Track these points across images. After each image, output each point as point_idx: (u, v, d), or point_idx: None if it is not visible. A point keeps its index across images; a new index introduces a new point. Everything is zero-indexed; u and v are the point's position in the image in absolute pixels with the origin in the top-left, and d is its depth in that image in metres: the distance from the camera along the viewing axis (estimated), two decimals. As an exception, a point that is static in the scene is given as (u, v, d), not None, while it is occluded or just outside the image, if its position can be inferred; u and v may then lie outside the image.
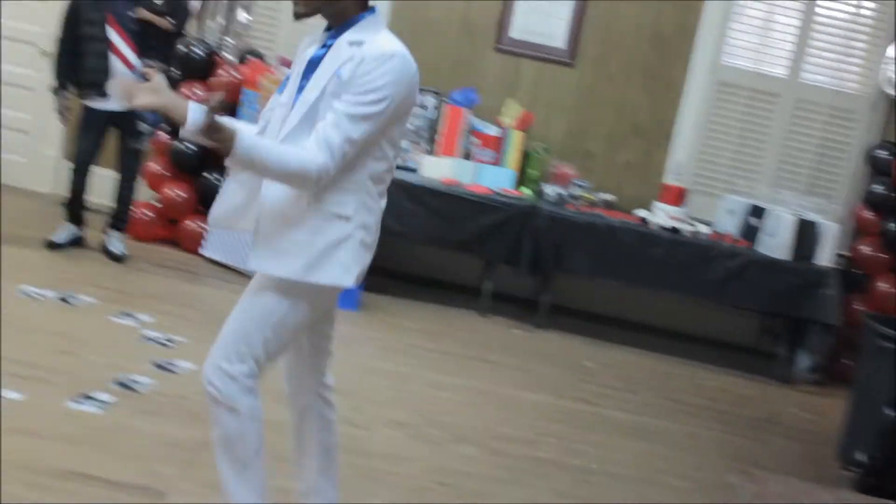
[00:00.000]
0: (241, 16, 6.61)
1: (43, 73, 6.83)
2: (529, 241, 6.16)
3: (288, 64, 6.49)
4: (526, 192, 6.45)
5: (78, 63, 5.86)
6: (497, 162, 6.56)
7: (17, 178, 7.25)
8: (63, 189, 6.21)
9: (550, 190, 6.48)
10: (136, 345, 4.74)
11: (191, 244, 6.42)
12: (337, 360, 5.11)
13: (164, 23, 6.09)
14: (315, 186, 2.54)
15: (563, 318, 6.60)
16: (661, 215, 6.38)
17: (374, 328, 5.72)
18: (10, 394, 3.92)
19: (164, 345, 4.78)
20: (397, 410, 4.49)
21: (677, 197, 6.52)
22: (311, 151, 2.50)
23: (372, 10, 2.68)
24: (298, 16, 2.69)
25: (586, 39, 7.02)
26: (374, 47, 2.56)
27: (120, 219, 6.13)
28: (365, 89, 2.52)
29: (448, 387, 4.95)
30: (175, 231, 6.51)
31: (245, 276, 6.08)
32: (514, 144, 6.58)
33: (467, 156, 6.59)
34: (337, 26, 2.68)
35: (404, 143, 6.60)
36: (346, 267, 2.68)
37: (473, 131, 6.61)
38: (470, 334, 6.00)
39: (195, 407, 4.12)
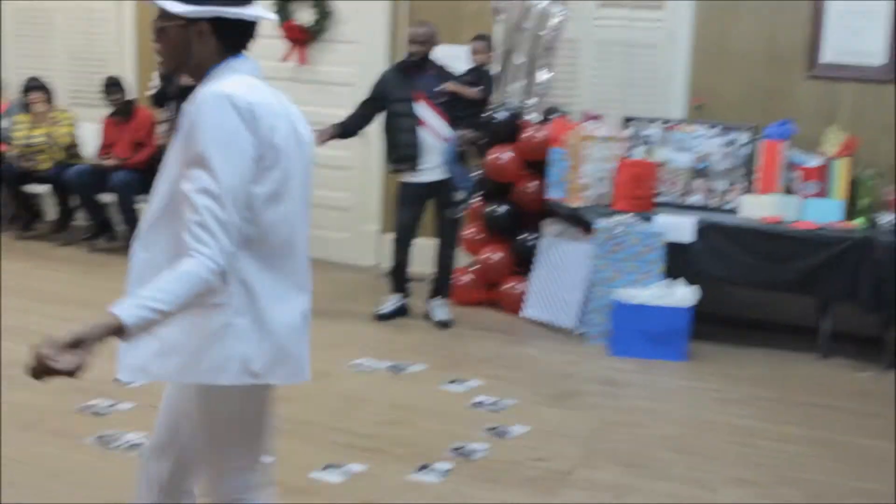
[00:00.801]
0: (542, 75, 6.64)
1: (358, 154, 7.17)
2: (867, 276, 5.69)
3: (594, 118, 6.44)
4: (858, 223, 5.98)
5: (390, 141, 6.10)
6: (822, 194, 6.14)
7: (343, 254, 7.61)
8: (386, 261, 6.44)
9: (886, 218, 5.97)
10: (467, 411, 4.77)
11: (511, 305, 6.44)
12: (670, 414, 4.94)
13: (473, 92, 6.23)
14: (221, 281, 2.14)
15: (915, 357, 6.03)
16: None
17: (706, 378, 5.45)
18: (354, 466, 4.03)
19: (494, 410, 4.78)
20: (743, 468, 4.22)
21: None
22: (191, 255, 2.11)
23: (236, 56, 2.33)
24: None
25: (910, 52, 6.48)
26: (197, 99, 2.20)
27: (442, 286, 6.27)
28: (195, 153, 2.14)
29: (794, 439, 4.60)
30: (495, 294, 6.57)
31: (567, 334, 6.02)
32: (840, 173, 6.14)
33: (788, 191, 6.22)
34: (201, 83, 2.32)
35: (720, 185, 6.33)
36: (221, 363, 2.26)
37: (793, 164, 6.24)
38: (810, 380, 5.59)
39: (531, 472, 4.07)
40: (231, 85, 2.21)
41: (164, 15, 2.29)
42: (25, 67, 8.31)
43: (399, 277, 6.26)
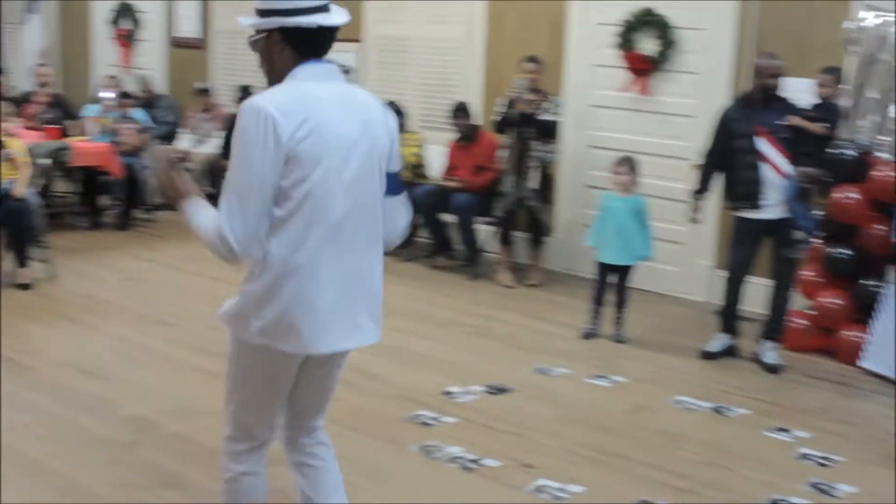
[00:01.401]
0: (897, 111, 6.22)
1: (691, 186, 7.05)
2: None
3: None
4: None
5: (730, 176, 5.95)
6: None
7: (673, 287, 7.50)
8: (717, 298, 6.28)
9: None
10: (790, 462, 4.56)
11: (849, 355, 6.07)
12: None
13: (818, 127, 5.95)
14: (226, 249, 2.52)
15: None
16: None
17: None
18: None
19: (821, 464, 4.53)
20: None
21: None
22: (220, 220, 2.53)
23: (309, 62, 2.58)
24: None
25: None
26: None
27: (774, 328, 6.02)
28: (231, 151, 2.52)
29: None
30: (831, 341, 6.23)
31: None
32: None
33: None
34: None
35: None
36: (257, 327, 2.61)
37: None
38: None
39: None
40: (268, 95, 2.50)
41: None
42: (383, 92, 8.84)
43: (729, 316, 6.09)
